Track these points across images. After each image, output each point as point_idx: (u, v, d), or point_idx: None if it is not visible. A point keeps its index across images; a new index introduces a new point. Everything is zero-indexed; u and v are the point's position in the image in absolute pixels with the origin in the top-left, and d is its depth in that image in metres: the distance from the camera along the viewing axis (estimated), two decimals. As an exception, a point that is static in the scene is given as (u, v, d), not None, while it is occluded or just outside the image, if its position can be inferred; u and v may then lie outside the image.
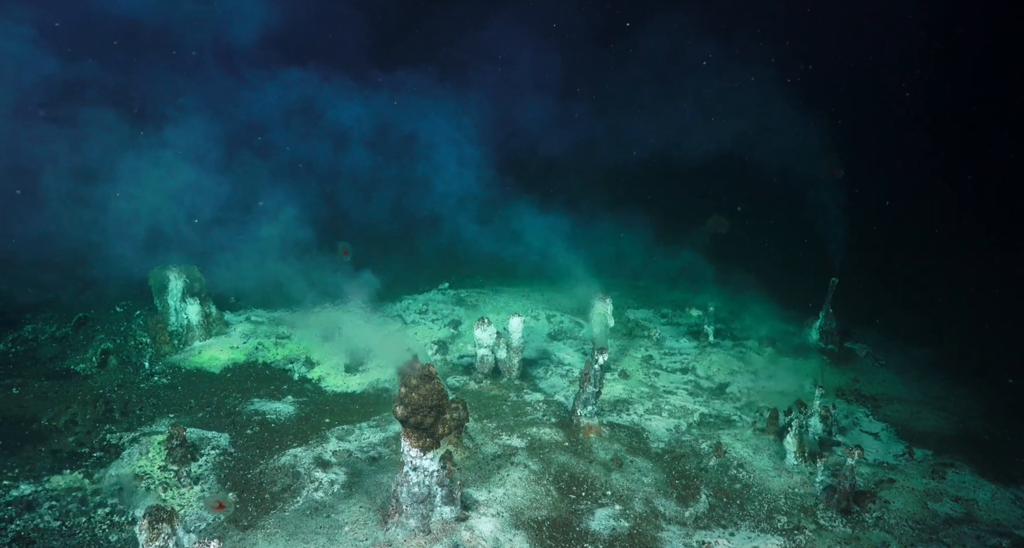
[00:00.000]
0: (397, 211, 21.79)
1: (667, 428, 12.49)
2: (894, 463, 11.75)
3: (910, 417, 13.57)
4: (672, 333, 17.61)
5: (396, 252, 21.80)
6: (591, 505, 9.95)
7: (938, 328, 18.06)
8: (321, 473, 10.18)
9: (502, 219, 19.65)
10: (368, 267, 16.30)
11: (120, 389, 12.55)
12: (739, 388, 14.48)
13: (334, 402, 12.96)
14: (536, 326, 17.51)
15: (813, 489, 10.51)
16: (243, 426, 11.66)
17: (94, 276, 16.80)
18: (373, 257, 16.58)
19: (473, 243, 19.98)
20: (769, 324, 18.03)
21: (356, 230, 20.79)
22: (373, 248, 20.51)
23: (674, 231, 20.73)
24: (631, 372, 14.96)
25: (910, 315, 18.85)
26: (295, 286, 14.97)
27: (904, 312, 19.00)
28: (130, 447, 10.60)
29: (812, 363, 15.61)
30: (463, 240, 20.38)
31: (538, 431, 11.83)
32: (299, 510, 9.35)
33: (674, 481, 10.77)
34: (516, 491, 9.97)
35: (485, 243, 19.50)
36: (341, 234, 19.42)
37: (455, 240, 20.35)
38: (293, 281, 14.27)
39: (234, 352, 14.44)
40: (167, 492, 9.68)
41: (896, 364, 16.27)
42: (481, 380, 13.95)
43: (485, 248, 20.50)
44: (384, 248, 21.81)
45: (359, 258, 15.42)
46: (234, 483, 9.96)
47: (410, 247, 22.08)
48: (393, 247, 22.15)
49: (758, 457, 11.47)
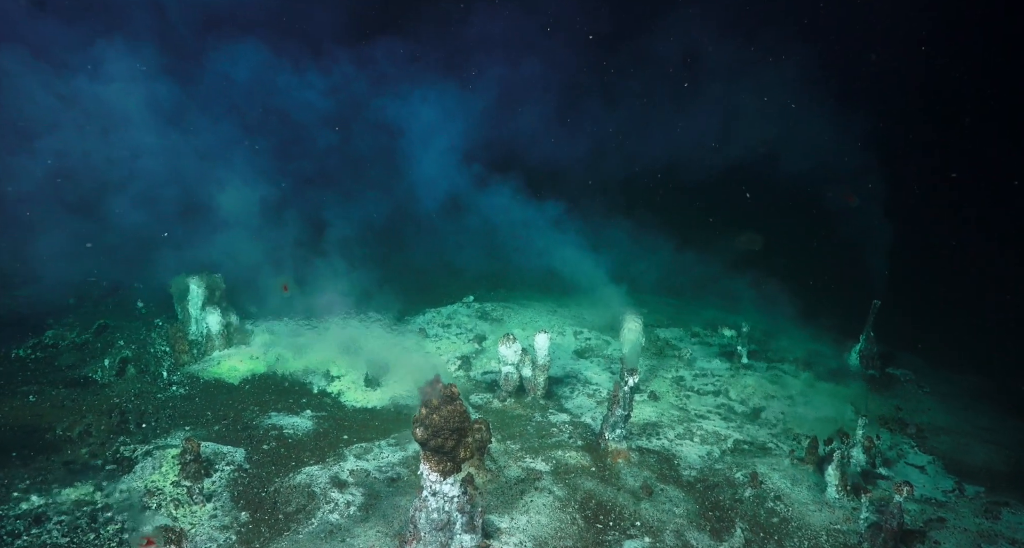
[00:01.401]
0: (421, 221, 21.46)
1: (699, 454, 11.91)
2: (943, 500, 11.04)
3: (958, 449, 12.80)
4: (703, 353, 16.99)
5: (419, 263, 21.51)
6: (619, 536, 9.41)
7: (984, 354, 17.19)
8: (337, 493, 9.78)
9: (528, 232, 19.23)
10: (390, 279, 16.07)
11: (137, 399, 12.29)
12: (774, 414, 13.83)
13: (353, 417, 12.58)
14: (563, 342, 17.02)
15: (856, 526, 9.86)
16: (259, 441, 11.32)
17: (117, 282, 16.75)
18: (395, 268, 16.30)
19: (499, 256, 19.63)
20: (805, 346, 17.34)
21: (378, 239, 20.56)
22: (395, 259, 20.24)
23: (704, 245, 20.10)
24: (661, 394, 14.40)
25: (954, 340, 18.01)
26: (315, 295, 14.77)
27: (947, 336, 18.15)
28: (143, 460, 10.30)
29: (852, 389, 14.90)
30: (489, 253, 20.05)
31: (564, 454, 11.32)
32: (313, 532, 8.95)
33: (707, 512, 10.19)
34: (540, 519, 9.48)
35: (512, 257, 19.14)
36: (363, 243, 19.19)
37: (481, 253, 20.01)
38: (313, 290, 14.04)
39: (254, 363, 14.15)
40: (179, 509, 9.34)
41: (941, 392, 15.47)
42: (505, 398, 13.49)
43: (512, 262, 20.14)
44: (407, 259, 21.57)
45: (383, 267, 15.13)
46: (247, 502, 9.61)
47: (434, 259, 21.72)
48: (416, 258, 21.87)
49: (797, 489, 10.84)
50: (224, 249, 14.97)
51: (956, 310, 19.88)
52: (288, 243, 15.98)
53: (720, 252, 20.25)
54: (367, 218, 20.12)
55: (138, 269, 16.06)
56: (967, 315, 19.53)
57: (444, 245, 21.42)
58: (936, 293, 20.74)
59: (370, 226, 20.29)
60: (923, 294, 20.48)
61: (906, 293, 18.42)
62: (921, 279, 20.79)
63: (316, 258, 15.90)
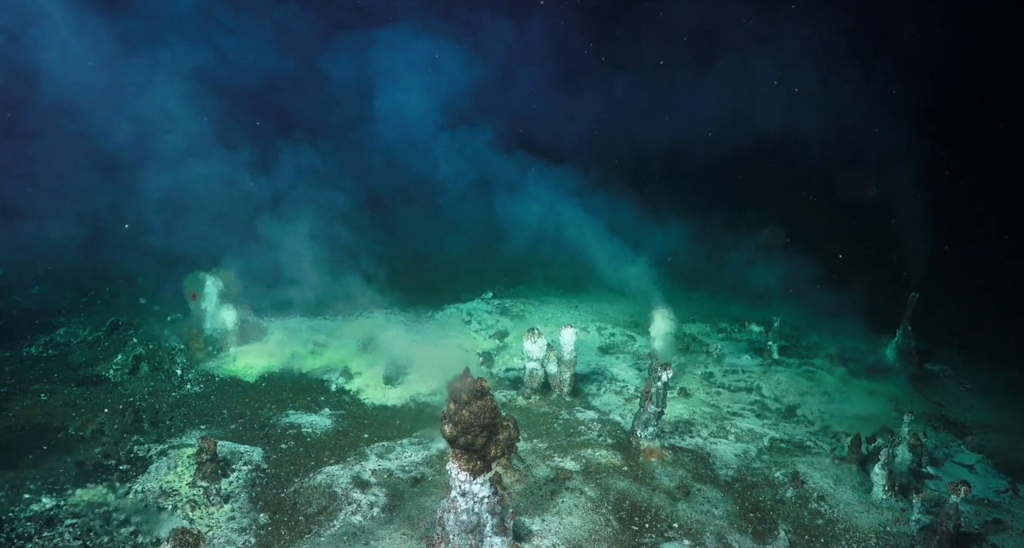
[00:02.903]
0: (437, 217, 20.88)
1: (735, 453, 11.38)
2: (996, 500, 10.46)
3: (1008, 448, 12.20)
4: (732, 349, 16.43)
5: (436, 259, 21.03)
6: (656, 539, 8.91)
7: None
8: (360, 494, 9.34)
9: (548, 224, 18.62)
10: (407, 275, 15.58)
11: (151, 397, 11.91)
12: (811, 411, 13.27)
13: (373, 416, 12.15)
14: (586, 339, 16.52)
15: (908, 528, 9.31)
16: (277, 440, 10.90)
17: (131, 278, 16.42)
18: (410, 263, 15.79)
19: (519, 251, 19.09)
20: (837, 342, 16.74)
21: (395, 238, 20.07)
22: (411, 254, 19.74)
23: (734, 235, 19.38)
24: (692, 391, 13.87)
25: (993, 334, 17.31)
26: (332, 292, 14.34)
27: (986, 330, 17.45)
28: (158, 460, 9.91)
29: (890, 385, 14.30)
30: (508, 248, 19.52)
31: (593, 453, 10.83)
32: (335, 535, 8.51)
33: (748, 514, 9.67)
34: (572, 520, 9.00)
35: (533, 251, 18.59)
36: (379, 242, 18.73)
37: (500, 247, 19.47)
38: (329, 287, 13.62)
39: (270, 360, 13.75)
40: (195, 511, 8.93)
41: (983, 388, 14.86)
42: (530, 396, 13.01)
43: (531, 256, 19.62)
44: (423, 255, 21.08)
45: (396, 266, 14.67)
46: (266, 503, 9.18)
47: (452, 254, 21.23)
48: (432, 254, 21.38)
49: (840, 489, 10.30)
50: (231, 244, 14.57)
51: (994, 304, 19.13)
52: (298, 236, 15.51)
53: (742, 244, 19.50)
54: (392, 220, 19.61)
55: (139, 263, 15.69)
56: (1005, 309, 18.78)
57: (460, 238, 20.86)
58: (973, 287, 19.96)
59: (378, 220, 19.72)
60: (960, 288, 19.69)
61: (943, 287, 17.68)
62: (959, 273, 19.97)
63: (330, 252, 15.45)
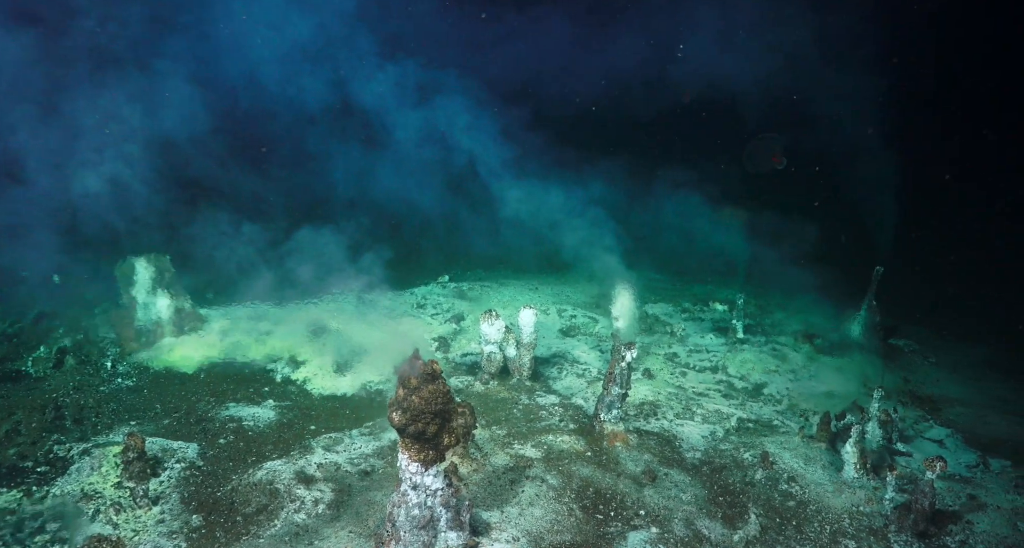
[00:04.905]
0: (387, 194, 19.79)
1: (702, 435, 10.93)
2: (968, 475, 10.19)
3: (976, 422, 12.00)
4: (696, 329, 16.04)
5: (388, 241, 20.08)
6: (622, 527, 8.38)
7: (991, 323, 16.42)
8: (304, 490, 8.61)
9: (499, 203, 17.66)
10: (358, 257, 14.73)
11: (75, 392, 10.96)
12: (778, 389, 12.92)
13: (321, 406, 11.40)
14: (547, 321, 15.94)
15: (881, 507, 8.95)
16: (215, 435, 10.09)
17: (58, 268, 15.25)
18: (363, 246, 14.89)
19: (474, 232, 18.27)
20: (802, 318, 16.47)
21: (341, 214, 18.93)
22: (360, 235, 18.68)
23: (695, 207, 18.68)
24: (656, 372, 13.40)
25: (957, 309, 17.23)
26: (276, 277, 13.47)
27: (950, 306, 17.36)
28: (80, 460, 9.05)
29: (856, 361, 14.03)
30: (462, 229, 18.71)
31: (555, 439, 10.26)
32: (276, 536, 7.78)
33: (717, 498, 9.21)
34: (533, 511, 8.40)
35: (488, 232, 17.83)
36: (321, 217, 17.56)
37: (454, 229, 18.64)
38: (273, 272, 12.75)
39: (209, 350, 12.86)
40: (120, 515, 8.11)
41: (949, 362, 14.71)
42: (488, 381, 12.38)
43: (487, 238, 18.87)
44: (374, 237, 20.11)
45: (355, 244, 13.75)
46: (200, 503, 8.40)
47: (404, 236, 20.33)
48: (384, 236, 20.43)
49: (811, 469, 9.91)
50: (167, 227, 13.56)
51: (960, 278, 19.01)
52: (236, 219, 14.55)
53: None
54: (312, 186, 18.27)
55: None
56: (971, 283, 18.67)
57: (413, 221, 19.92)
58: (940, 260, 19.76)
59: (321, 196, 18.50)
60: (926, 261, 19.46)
61: (909, 261, 17.43)
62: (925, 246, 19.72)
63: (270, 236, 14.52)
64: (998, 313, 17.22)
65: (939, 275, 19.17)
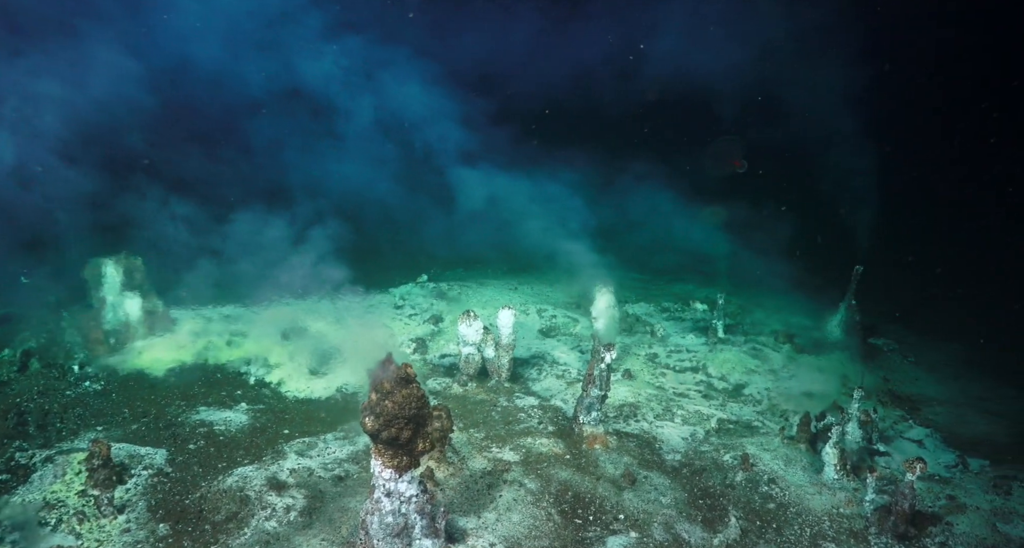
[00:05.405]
0: (363, 191, 19.47)
1: (682, 437, 10.82)
2: (947, 476, 10.18)
3: (955, 421, 12.01)
4: (676, 329, 15.96)
5: (366, 241, 19.79)
6: (601, 532, 8.24)
7: (968, 322, 16.48)
8: (275, 497, 8.38)
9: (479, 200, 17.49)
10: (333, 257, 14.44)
11: (40, 397, 10.63)
12: (758, 389, 12.87)
13: (295, 410, 11.15)
14: (526, 322, 15.79)
15: (861, 509, 8.88)
16: (185, 440, 9.82)
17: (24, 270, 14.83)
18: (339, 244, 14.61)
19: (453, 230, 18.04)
20: (782, 318, 16.45)
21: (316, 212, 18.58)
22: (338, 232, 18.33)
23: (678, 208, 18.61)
24: (636, 372, 13.29)
25: (936, 308, 17.28)
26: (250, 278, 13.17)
27: (929, 305, 17.41)
28: (43, 468, 8.73)
29: (836, 360, 14.01)
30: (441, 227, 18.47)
31: (534, 442, 10.10)
32: (246, 544, 7.55)
33: (697, 501, 9.10)
34: (511, 516, 8.24)
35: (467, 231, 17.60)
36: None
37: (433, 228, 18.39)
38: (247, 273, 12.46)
39: (180, 352, 12.55)
40: (83, 524, 7.83)
41: (927, 361, 14.74)
42: (466, 383, 12.20)
43: (467, 237, 18.66)
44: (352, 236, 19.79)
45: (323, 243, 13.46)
46: (168, 511, 8.14)
47: (382, 235, 20.03)
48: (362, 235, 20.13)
49: (791, 470, 9.84)
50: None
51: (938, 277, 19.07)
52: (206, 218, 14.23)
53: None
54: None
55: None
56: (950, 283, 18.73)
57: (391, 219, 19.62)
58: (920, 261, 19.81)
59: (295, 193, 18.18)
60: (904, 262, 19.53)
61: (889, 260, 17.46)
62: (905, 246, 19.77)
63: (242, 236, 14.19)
64: (976, 311, 17.32)
65: (918, 273, 19.22)
